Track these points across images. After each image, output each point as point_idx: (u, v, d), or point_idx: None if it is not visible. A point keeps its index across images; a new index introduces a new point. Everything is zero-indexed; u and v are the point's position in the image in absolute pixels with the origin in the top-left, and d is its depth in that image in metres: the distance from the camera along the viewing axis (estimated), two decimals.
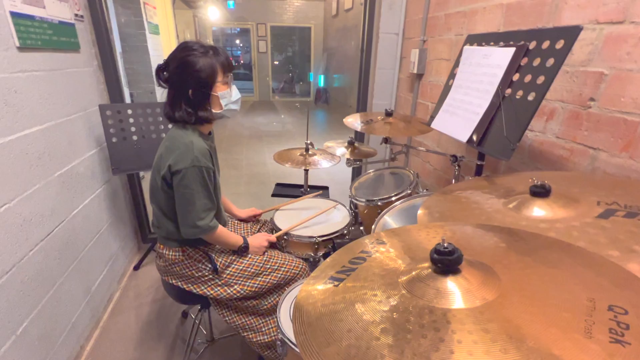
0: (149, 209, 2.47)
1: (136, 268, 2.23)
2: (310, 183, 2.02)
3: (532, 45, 1.04)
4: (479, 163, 1.25)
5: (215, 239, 1.21)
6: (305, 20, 9.72)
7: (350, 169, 2.89)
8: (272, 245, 1.60)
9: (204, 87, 1.12)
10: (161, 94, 4.56)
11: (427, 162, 2.13)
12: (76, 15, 1.65)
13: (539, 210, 0.75)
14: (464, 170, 1.60)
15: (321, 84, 9.95)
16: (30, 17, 1.29)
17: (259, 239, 1.33)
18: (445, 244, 0.49)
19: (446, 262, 0.48)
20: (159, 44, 4.40)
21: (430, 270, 0.52)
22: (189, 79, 1.09)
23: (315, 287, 0.56)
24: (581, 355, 0.36)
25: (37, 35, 1.32)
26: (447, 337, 0.41)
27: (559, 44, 0.94)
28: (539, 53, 1.00)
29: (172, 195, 1.14)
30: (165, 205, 1.18)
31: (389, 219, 1.31)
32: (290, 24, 9.85)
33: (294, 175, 3.95)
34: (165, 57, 1.16)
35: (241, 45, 13.20)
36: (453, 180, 1.40)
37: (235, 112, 1.24)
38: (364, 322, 0.46)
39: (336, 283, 0.55)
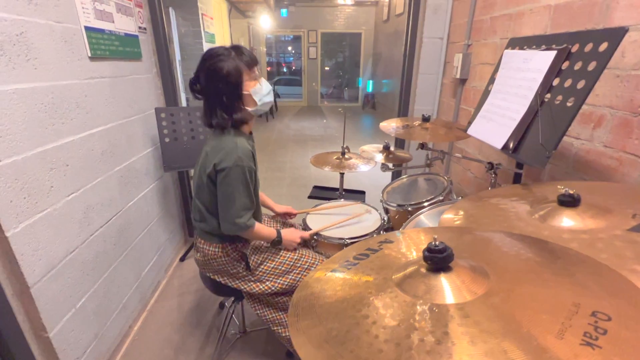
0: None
1: (182, 259, 2.41)
2: (349, 186, 2.03)
3: (574, 48, 0.97)
4: (517, 171, 1.17)
5: (252, 235, 1.27)
6: (356, 26, 9.77)
7: (390, 174, 2.84)
8: (304, 244, 1.64)
9: (234, 88, 1.15)
10: None
11: (468, 169, 2.02)
12: (140, 27, 1.86)
13: (567, 220, 0.72)
14: (504, 178, 1.50)
15: (369, 89, 9.90)
16: (101, 31, 1.48)
17: (292, 235, 1.37)
18: (437, 243, 0.50)
19: (436, 259, 0.49)
20: None
21: (424, 268, 0.52)
22: (219, 84, 1.13)
23: (321, 275, 0.58)
24: (546, 354, 0.37)
25: (105, 46, 1.51)
26: (437, 330, 0.42)
27: (602, 47, 0.87)
28: (581, 56, 0.94)
29: (217, 193, 1.21)
30: (209, 202, 1.25)
31: (424, 219, 1.27)
32: (341, 30, 9.96)
33: (335, 179, 3.98)
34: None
35: (293, 51, 13.62)
36: (489, 188, 1.32)
37: (270, 104, 1.25)
38: (359, 315, 0.47)
39: (342, 270, 0.57)
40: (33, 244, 1.13)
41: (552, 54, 1.04)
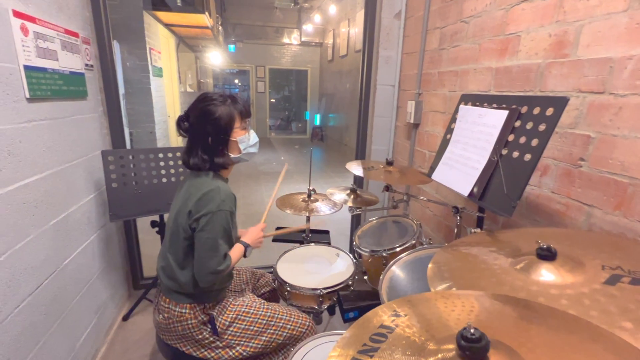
0: (144, 252, 2.40)
1: (125, 318, 2.10)
2: (310, 224, 1.98)
3: (523, 109, 1.10)
4: (479, 215, 1.26)
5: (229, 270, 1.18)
6: (302, 64, 10.19)
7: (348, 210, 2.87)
8: (274, 298, 1.54)
9: (222, 133, 1.14)
10: (160, 133, 4.61)
11: (427, 207, 2.13)
12: (87, 65, 1.70)
13: (547, 273, 0.75)
14: (466, 220, 1.60)
15: (317, 122, 10.22)
16: (43, 70, 1.32)
17: (253, 234, 1.30)
18: (472, 330, 0.46)
19: (474, 349, 0.46)
20: (162, 85, 4.53)
21: (454, 352, 0.49)
22: (208, 127, 1.12)
23: None
24: None
25: (47, 86, 1.35)
26: None
27: (549, 112, 0.99)
28: (530, 117, 1.06)
29: (193, 238, 1.12)
30: (183, 254, 1.14)
31: (397, 270, 1.27)
32: (288, 67, 10.31)
33: (293, 217, 3.92)
34: (166, 96, 1.19)
35: (239, 84, 13.68)
36: (455, 230, 1.40)
37: (254, 155, 1.26)
38: None
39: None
40: None
41: (504, 113, 1.16)
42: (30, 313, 1.26)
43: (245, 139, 1.19)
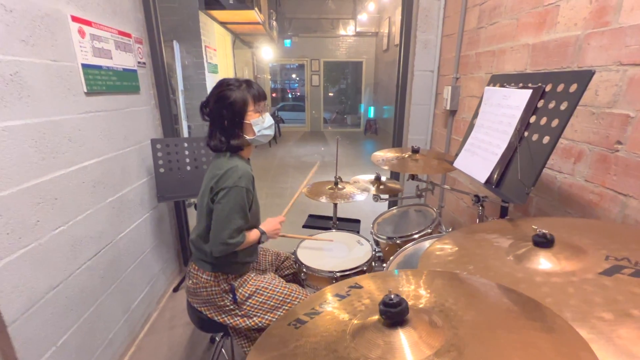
0: None
1: (175, 290, 2.36)
2: (346, 214, 2.01)
3: (548, 87, 1.00)
4: (503, 204, 1.16)
5: (242, 248, 1.27)
6: (357, 55, 10.06)
7: (386, 202, 2.82)
8: (296, 282, 1.60)
9: (237, 116, 1.23)
10: None
11: (461, 199, 2.01)
12: (139, 62, 1.92)
13: (544, 261, 0.70)
14: (492, 210, 1.48)
15: (371, 115, 10.06)
16: (98, 67, 1.53)
17: (271, 224, 1.39)
18: (392, 296, 0.49)
19: (389, 314, 0.48)
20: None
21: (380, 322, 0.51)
22: (224, 110, 1.21)
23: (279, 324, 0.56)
24: None
25: (102, 81, 1.56)
26: None
27: (572, 88, 0.90)
28: (554, 96, 0.96)
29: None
30: (206, 227, 1.26)
31: (407, 257, 1.24)
32: (343, 59, 10.27)
33: (320, 204, 3.96)
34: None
35: (297, 78, 14.03)
36: (477, 221, 1.31)
37: (269, 137, 1.33)
38: None
39: (299, 324, 0.55)
40: (14, 280, 1.12)
41: (528, 93, 1.06)
42: (89, 275, 1.49)
43: (260, 122, 1.26)
